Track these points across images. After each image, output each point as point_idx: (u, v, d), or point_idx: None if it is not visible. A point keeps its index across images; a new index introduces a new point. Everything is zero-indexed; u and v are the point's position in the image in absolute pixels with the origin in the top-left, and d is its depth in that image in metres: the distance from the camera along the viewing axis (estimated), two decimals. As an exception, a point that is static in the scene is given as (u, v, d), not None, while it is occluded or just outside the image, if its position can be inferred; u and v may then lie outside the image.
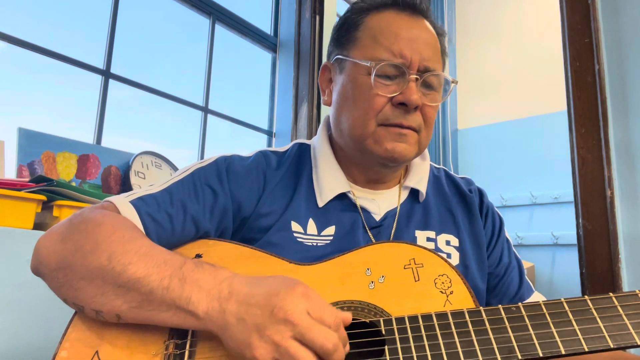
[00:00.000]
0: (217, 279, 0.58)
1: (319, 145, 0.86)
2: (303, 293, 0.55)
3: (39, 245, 0.64)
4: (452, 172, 0.94)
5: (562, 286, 2.75)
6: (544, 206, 2.90)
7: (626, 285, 1.66)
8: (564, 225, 2.71)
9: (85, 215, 0.65)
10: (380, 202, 0.82)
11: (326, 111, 2.52)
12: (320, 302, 0.55)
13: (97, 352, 0.60)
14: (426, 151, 0.91)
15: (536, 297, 0.87)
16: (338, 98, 0.81)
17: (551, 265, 2.82)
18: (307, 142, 0.90)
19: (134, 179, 1.54)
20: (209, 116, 2.12)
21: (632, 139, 1.75)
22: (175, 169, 1.70)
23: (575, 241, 1.81)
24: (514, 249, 0.91)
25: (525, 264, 2.64)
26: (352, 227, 0.78)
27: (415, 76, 0.75)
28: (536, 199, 2.92)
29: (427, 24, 0.80)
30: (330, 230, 0.78)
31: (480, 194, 0.90)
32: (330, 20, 2.48)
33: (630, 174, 1.74)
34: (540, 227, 2.88)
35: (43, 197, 1.12)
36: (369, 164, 0.81)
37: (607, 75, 1.82)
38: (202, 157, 2.06)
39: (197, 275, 0.58)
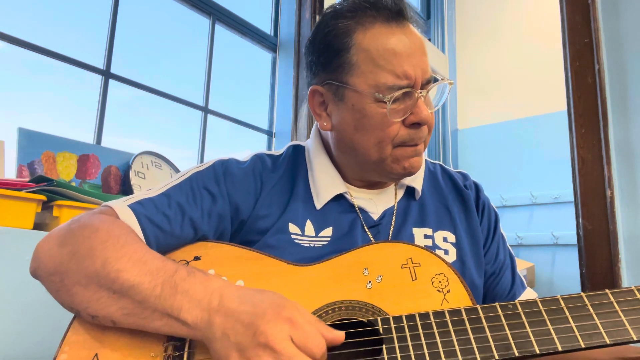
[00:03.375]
0: (208, 289, 0.58)
1: (313, 148, 0.86)
2: (289, 318, 0.54)
3: (38, 248, 0.65)
4: (447, 167, 0.93)
5: (562, 286, 2.75)
6: (544, 206, 2.90)
7: (626, 285, 1.65)
8: (564, 225, 2.71)
9: (83, 220, 0.65)
10: (377, 201, 0.83)
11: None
12: (307, 328, 0.54)
13: (96, 354, 0.60)
14: None
15: (528, 293, 0.87)
16: (344, 127, 0.77)
17: (551, 265, 2.82)
18: (302, 143, 0.90)
19: (134, 179, 1.54)
20: (209, 116, 2.12)
21: (632, 139, 1.75)
22: (175, 169, 1.70)
23: (575, 241, 1.81)
24: (507, 243, 0.91)
25: (525, 264, 2.64)
26: (350, 228, 0.79)
27: (421, 93, 0.74)
28: (536, 199, 2.92)
29: (412, 27, 0.77)
30: (328, 231, 0.78)
31: (477, 188, 0.90)
32: (330, 20, 2.47)
33: (630, 174, 1.74)
34: (540, 227, 2.88)
35: (43, 197, 1.12)
36: (378, 177, 0.81)
37: (607, 75, 1.82)
38: (202, 157, 2.07)
39: (189, 285, 0.58)
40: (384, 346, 0.58)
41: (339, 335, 0.56)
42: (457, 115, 3.39)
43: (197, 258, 0.71)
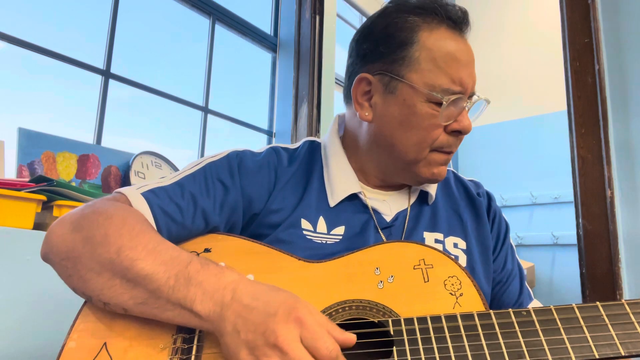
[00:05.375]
0: (222, 282, 0.58)
1: (330, 144, 0.85)
2: (299, 318, 0.53)
3: (51, 232, 0.64)
4: (460, 174, 0.93)
5: (562, 286, 2.75)
6: (544, 206, 2.90)
7: (626, 286, 1.65)
8: (564, 225, 2.71)
9: (97, 205, 0.65)
10: (391, 202, 0.82)
11: (326, 111, 2.50)
12: (317, 330, 0.53)
13: (105, 343, 0.60)
14: None
15: (535, 305, 0.86)
16: (388, 120, 0.76)
17: (551, 265, 2.82)
18: (318, 139, 0.89)
19: (134, 179, 1.54)
20: (209, 116, 2.12)
21: (632, 139, 1.75)
22: (175, 169, 1.70)
23: (575, 241, 1.81)
24: (516, 255, 0.91)
25: (525, 264, 2.64)
26: (363, 228, 0.78)
27: (468, 102, 0.75)
28: (536, 199, 2.92)
29: (467, 40, 0.79)
30: (340, 230, 0.77)
31: (489, 197, 0.90)
32: (330, 20, 2.47)
33: (630, 174, 1.74)
34: (540, 227, 2.88)
35: (43, 197, 1.12)
36: (403, 179, 0.81)
37: (607, 75, 1.82)
38: (202, 157, 2.06)
39: (202, 277, 0.58)
40: (394, 348, 0.57)
41: (351, 338, 0.56)
42: (456, 116, 3.39)
43: (207, 250, 0.70)
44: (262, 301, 0.56)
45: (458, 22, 0.77)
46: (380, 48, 0.77)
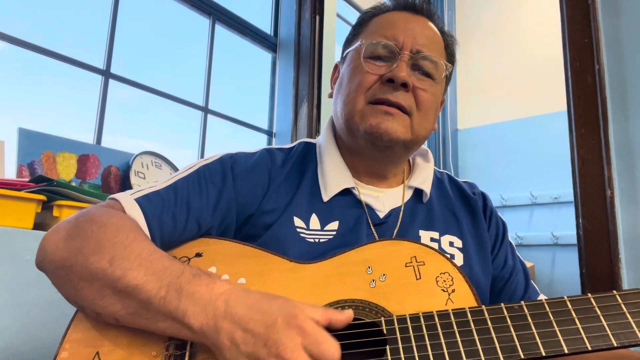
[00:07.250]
0: (214, 293, 0.57)
1: (324, 142, 0.86)
2: (300, 326, 0.53)
3: (45, 240, 0.64)
4: (454, 177, 0.95)
5: (562, 286, 2.75)
6: (544, 206, 2.90)
7: (626, 286, 1.65)
8: (564, 225, 2.71)
9: (91, 214, 0.65)
10: (385, 199, 0.83)
11: (327, 111, 2.51)
12: (320, 337, 0.53)
13: (97, 352, 0.60)
14: (429, 153, 0.92)
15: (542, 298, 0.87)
16: (337, 85, 0.86)
17: (551, 265, 2.82)
18: (313, 140, 0.91)
19: (134, 179, 1.54)
20: (209, 116, 2.12)
21: (632, 139, 1.75)
22: (175, 169, 1.70)
23: (575, 241, 1.81)
24: (517, 252, 0.91)
25: (526, 264, 2.64)
26: (356, 223, 0.78)
27: (406, 56, 0.77)
28: (536, 199, 2.92)
29: (431, 24, 0.83)
30: (334, 225, 0.78)
31: (484, 197, 0.91)
32: (330, 20, 2.48)
33: (630, 174, 1.74)
34: (540, 227, 2.88)
35: (43, 197, 1.12)
36: (362, 149, 0.81)
37: (607, 75, 1.82)
38: (202, 157, 2.06)
39: (194, 288, 0.57)
40: (387, 347, 0.57)
41: (349, 316, 0.57)
42: (457, 115, 3.39)
43: (198, 255, 0.70)
44: (259, 311, 0.54)
45: (406, 6, 0.84)
46: (346, 39, 0.90)
